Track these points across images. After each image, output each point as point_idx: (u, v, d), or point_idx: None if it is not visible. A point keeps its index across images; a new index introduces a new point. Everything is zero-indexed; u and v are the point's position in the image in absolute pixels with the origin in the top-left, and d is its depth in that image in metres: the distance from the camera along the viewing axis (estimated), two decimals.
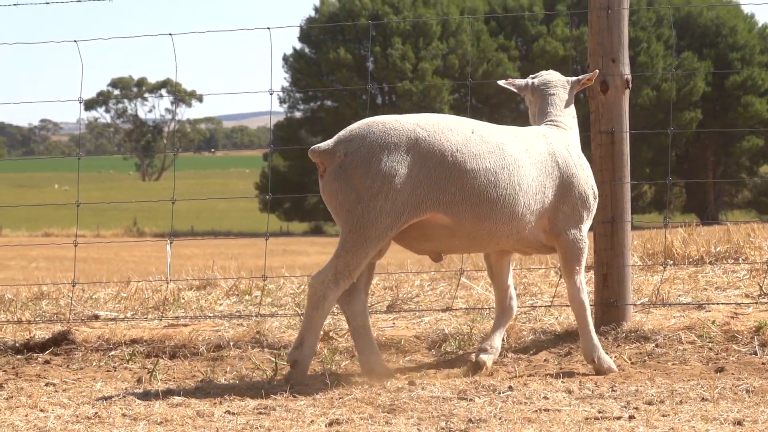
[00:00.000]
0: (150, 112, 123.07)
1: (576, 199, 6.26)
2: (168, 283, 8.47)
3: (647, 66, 56.38)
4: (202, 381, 6.37)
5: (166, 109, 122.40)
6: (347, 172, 5.90)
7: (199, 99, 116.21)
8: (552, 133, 6.37)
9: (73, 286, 8.19)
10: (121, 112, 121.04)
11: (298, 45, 63.02)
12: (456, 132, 6.01)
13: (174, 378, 6.48)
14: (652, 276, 8.36)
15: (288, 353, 6.13)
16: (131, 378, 6.47)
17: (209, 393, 5.89)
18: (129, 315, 7.90)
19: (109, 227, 56.61)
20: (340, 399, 5.63)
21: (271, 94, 7.95)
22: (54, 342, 7.18)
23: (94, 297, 8.53)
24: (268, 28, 7.71)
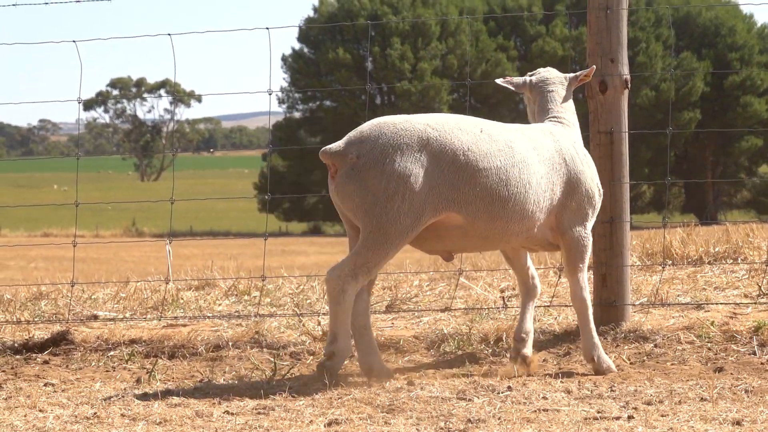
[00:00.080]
0: (149, 112, 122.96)
1: (582, 197, 6.28)
2: (167, 283, 8.47)
3: (646, 66, 56.41)
4: (201, 381, 6.37)
5: (165, 110, 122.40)
6: (361, 174, 5.89)
7: (198, 99, 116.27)
8: (558, 130, 6.39)
9: (72, 287, 8.19)
10: (120, 113, 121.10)
11: (297, 45, 63.09)
12: (465, 131, 6.02)
13: (173, 378, 6.48)
14: (651, 276, 8.36)
15: (324, 347, 6.10)
16: (130, 378, 6.46)
17: (208, 393, 5.88)
18: (128, 315, 7.90)
19: (108, 227, 56.64)
20: (339, 399, 5.63)
21: (270, 95, 7.95)
22: (53, 342, 7.17)
23: (93, 297, 8.52)
24: (267, 28, 7.72)
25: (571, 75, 6.66)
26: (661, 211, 55.71)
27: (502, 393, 5.71)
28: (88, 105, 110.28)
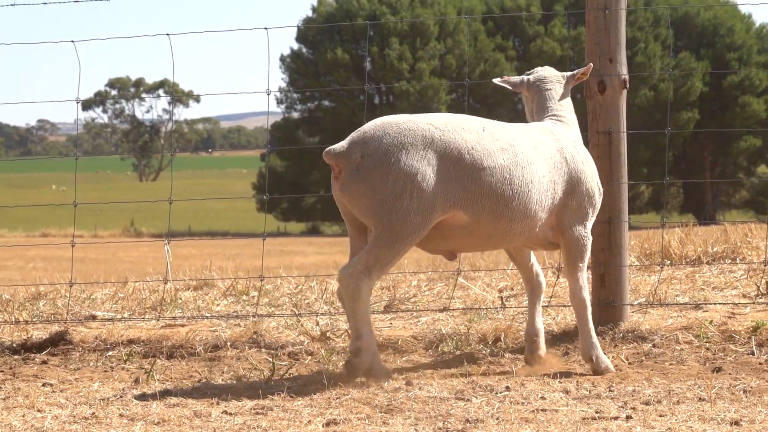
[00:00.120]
0: (147, 112, 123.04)
1: (583, 196, 6.29)
2: (165, 283, 8.47)
3: (645, 66, 56.41)
4: (200, 381, 6.37)
5: (164, 110, 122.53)
6: (366, 174, 5.88)
7: (197, 99, 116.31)
8: (558, 129, 6.40)
9: (70, 287, 8.19)
10: (119, 113, 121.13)
11: (296, 45, 63.06)
12: (469, 130, 6.03)
13: (171, 378, 6.48)
14: (649, 276, 8.36)
15: (348, 345, 6.09)
16: (128, 378, 6.46)
17: (206, 393, 5.88)
18: (126, 315, 7.90)
19: (107, 227, 56.65)
20: (338, 399, 5.63)
21: (268, 95, 7.95)
22: (51, 342, 7.17)
23: (91, 297, 8.52)
24: (266, 28, 7.72)
25: (569, 73, 6.67)
26: (660, 211, 55.72)
27: (501, 393, 5.71)
28: (87, 105, 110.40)
